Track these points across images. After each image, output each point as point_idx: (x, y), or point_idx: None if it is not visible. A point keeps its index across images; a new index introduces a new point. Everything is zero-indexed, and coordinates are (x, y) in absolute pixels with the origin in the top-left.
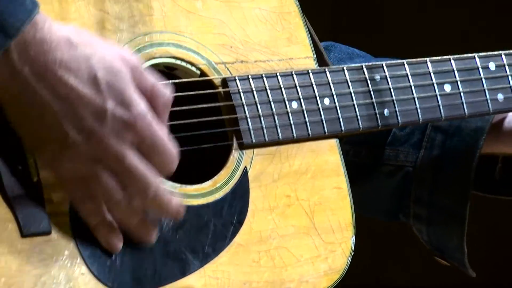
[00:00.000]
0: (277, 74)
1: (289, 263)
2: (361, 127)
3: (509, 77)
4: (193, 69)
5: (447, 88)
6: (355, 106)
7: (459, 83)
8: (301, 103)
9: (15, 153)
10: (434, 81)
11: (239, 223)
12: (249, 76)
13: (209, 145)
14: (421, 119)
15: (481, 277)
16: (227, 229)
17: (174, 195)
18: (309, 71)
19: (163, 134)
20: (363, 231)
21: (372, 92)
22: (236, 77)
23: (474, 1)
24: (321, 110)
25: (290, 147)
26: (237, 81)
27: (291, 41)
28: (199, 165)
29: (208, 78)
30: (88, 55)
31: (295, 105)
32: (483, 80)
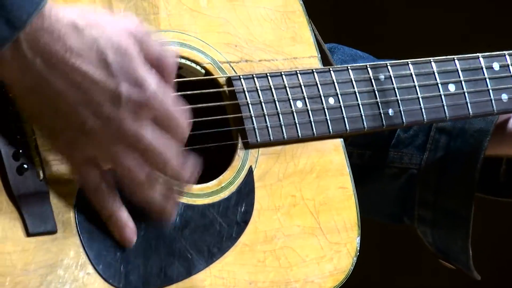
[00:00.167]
0: (282, 73)
1: (295, 263)
2: (366, 126)
3: None
4: (198, 68)
5: (451, 88)
6: (359, 105)
7: (463, 83)
8: (306, 103)
9: (21, 152)
10: (438, 81)
11: (245, 222)
12: (254, 75)
13: (214, 144)
14: (425, 119)
15: (484, 280)
16: (232, 228)
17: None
18: (314, 70)
19: (173, 106)
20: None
21: (376, 91)
22: (241, 76)
23: (475, 3)
24: (326, 109)
25: (295, 146)
26: (242, 80)
27: (296, 40)
28: (204, 164)
29: (213, 77)
30: (95, 38)
31: (300, 104)
32: (487, 80)
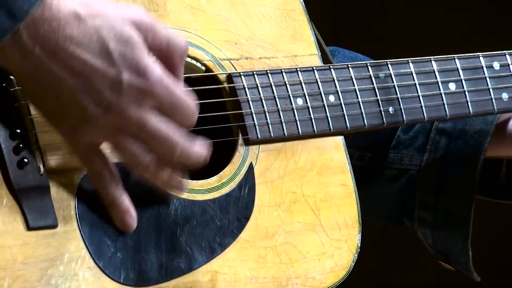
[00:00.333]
0: (282, 70)
1: (296, 259)
2: (366, 124)
3: None
4: (198, 65)
5: (452, 86)
6: (360, 103)
7: (463, 82)
8: (306, 100)
9: (21, 146)
10: (438, 79)
11: (245, 218)
12: (254, 72)
13: (215, 141)
14: (426, 117)
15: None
16: (233, 224)
17: (197, 140)
18: (314, 68)
19: (180, 91)
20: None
21: (377, 89)
22: (241, 73)
23: (475, 3)
24: (326, 107)
25: (295, 143)
26: (242, 77)
27: (296, 38)
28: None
29: (213, 73)
30: (97, 27)
31: (300, 101)
32: (488, 79)
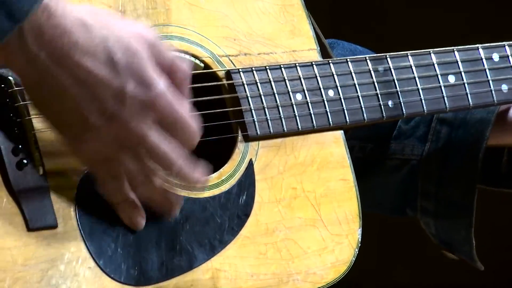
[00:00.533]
0: (281, 66)
1: (296, 255)
2: (366, 118)
3: None
4: (197, 62)
5: (451, 79)
6: (359, 97)
7: (463, 74)
8: (305, 95)
9: (20, 147)
10: (438, 72)
11: (246, 215)
12: (253, 68)
13: (214, 138)
14: (425, 110)
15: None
16: (233, 221)
17: (198, 166)
18: (313, 63)
19: (183, 110)
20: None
21: (376, 83)
22: (240, 69)
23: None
24: (326, 101)
25: (295, 139)
26: (241, 73)
27: (294, 33)
28: (204, 157)
29: (212, 70)
30: (104, 37)
31: (299, 97)
32: (487, 71)
